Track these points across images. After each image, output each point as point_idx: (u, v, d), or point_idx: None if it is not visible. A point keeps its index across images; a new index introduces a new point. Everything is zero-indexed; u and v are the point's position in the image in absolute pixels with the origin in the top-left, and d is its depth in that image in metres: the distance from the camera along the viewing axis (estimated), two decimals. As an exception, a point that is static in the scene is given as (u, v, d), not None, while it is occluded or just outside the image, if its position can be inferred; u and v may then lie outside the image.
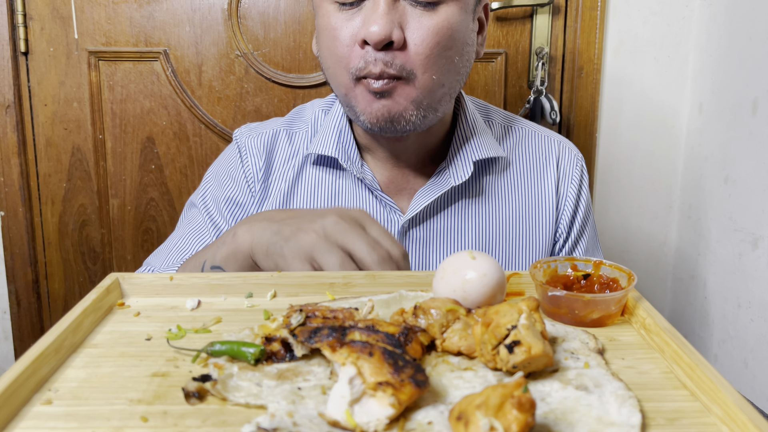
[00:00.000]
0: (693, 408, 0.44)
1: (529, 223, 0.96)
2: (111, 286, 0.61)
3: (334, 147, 0.92)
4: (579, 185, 1.00)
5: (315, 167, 0.95)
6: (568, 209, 0.98)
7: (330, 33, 0.81)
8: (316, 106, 1.01)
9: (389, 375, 0.41)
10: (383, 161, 0.93)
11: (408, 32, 0.78)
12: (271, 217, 0.75)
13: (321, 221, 0.71)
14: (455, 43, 0.81)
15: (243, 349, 0.48)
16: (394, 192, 0.94)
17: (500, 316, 0.47)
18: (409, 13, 0.78)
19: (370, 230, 0.72)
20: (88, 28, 1.54)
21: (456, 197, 0.94)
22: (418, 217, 0.92)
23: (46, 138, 1.59)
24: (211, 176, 1.03)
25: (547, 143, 1.00)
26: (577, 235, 1.00)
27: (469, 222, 0.94)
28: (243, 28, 1.54)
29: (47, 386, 0.46)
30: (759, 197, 1.26)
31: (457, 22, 0.80)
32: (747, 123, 1.30)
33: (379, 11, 0.76)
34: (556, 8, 1.54)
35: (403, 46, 0.78)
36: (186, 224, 1.00)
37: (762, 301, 1.26)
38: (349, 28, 0.79)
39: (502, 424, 0.36)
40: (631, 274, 0.59)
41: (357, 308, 0.53)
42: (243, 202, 0.97)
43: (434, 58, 0.79)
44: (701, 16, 1.50)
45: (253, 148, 0.98)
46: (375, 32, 0.75)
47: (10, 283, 1.65)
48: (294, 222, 0.72)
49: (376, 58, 0.77)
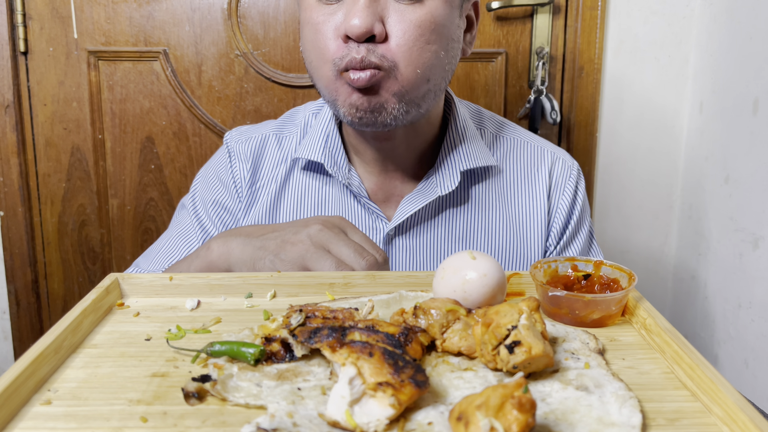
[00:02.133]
0: (693, 408, 0.44)
1: (519, 234, 0.94)
2: (110, 286, 0.61)
3: (321, 152, 0.91)
4: (572, 197, 0.97)
5: (302, 172, 0.95)
6: (558, 221, 0.96)
7: (312, 27, 0.81)
8: (308, 109, 1.01)
9: (389, 375, 0.41)
10: (371, 164, 0.92)
11: (389, 25, 0.77)
12: (250, 233, 0.77)
13: (305, 231, 0.73)
14: (439, 37, 0.80)
15: (243, 349, 0.48)
16: (381, 199, 0.93)
17: (500, 317, 0.47)
18: (391, 7, 0.78)
19: (353, 236, 0.74)
20: (88, 27, 1.54)
21: (443, 206, 0.93)
22: (404, 225, 0.91)
23: (45, 138, 1.59)
24: (201, 178, 1.03)
25: (540, 154, 0.98)
26: (566, 243, 0.98)
27: (456, 232, 0.93)
28: (243, 28, 1.54)
29: (47, 386, 0.46)
30: (759, 197, 1.26)
31: (441, 16, 0.79)
32: (747, 123, 1.30)
33: (359, 4, 0.75)
34: (557, 8, 1.54)
35: (384, 39, 0.77)
36: (174, 226, 1.01)
37: (763, 302, 1.26)
38: (331, 22, 0.79)
39: (503, 424, 0.36)
40: (632, 274, 0.58)
41: (357, 308, 0.53)
42: (230, 207, 0.97)
43: (417, 51, 0.78)
44: (702, 16, 1.50)
45: (241, 153, 0.97)
46: (356, 25, 0.75)
47: (10, 283, 1.65)
48: (277, 235, 0.74)
49: (359, 47, 0.77)
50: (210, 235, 0.97)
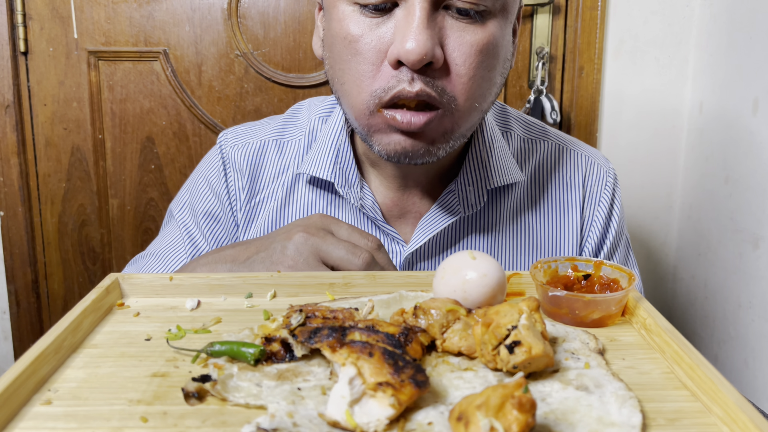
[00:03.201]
0: (694, 408, 0.44)
1: (549, 251, 0.86)
2: (111, 286, 0.61)
3: (331, 169, 0.81)
4: (609, 208, 0.88)
5: (307, 187, 0.86)
6: (594, 236, 0.87)
7: (348, 43, 0.67)
8: (313, 112, 0.90)
9: (389, 375, 0.41)
10: (389, 180, 0.82)
11: (448, 50, 0.65)
12: (235, 257, 0.70)
13: (291, 244, 0.67)
14: (498, 61, 0.70)
15: (243, 349, 0.48)
16: (396, 215, 0.84)
17: (500, 317, 0.47)
18: (449, 26, 0.65)
19: (340, 234, 0.69)
20: (88, 27, 1.54)
21: (465, 226, 0.84)
22: (425, 249, 0.83)
23: (45, 138, 1.59)
24: (191, 185, 0.93)
25: (574, 158, 0.88)
26: (606, 258, 0.88)
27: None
28: (243, 28, 1.54)
29: (47, 386, 0.46)
30: (759, 197, 1.26)
31: (501, 36, 0.69)
32: (747, 123, 1.30)
33: (416, 22, 0.62)
34: (557, 8, 1.54)
35: (442, 67, 0.65)
36: (160, 239, 0.92)
37: (763, 301, 1.26)
38: (374, 39, 0.66)
39: (503, 424, 0.36)
40: (632, 274, 0.58)
41: (357, 308, 0.53)
42: (224, 221, 0.89)
43: (478, 81, 0.67)
44: (702, 16, 1.50)
45: (237, 162, 0.88)
46: (413, 50, 0.62)
47: (10, 283, 1.65)
48: (264, 257, 0.68)
49: (414, 78, 0.64)
50: (200, 249, 0.89)
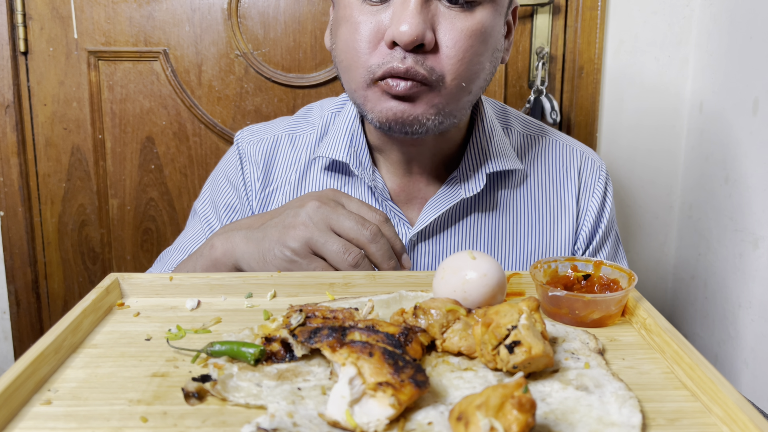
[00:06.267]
0: (693, 408, 0.44)
1: (546, 239, 0.92)
2: (110, 286, 0.61)
3: (346, 152, 0.88)
4: (602, 198, 0.95)
5: (320, 173, 0.92)
6: (588, 223, 0.94)
7: (351, 26, 0.76)
8: (326, 108, 0.98)
9: (389, 375, 0.41)
10: (395, 165, 0.89)
11: (440, 34, 0.73)
12: (250, 225, 0.75)
13: (304, 211, 0.70)
14: (487, 47, 0.77)
15: (243, 349, 0.48)
16: (403, 200, 0.90)
17: (500, 317, 0.47)
18: (441, 14, 0.73)
19: (349, 205, 0.72)
20: (88, 27, 1.54)
21: (468, 210, 0.90)
22: (428, 230, 0.89)
23: (45, 138, 1.59)
24: (212, 181, 1.01)
25: (569, 154, 0.96)
26: (596, 249, 0.95)
27: (480, 236, 0.90)
28: (243, 28, 1.54)
29: (47, 386, 0.46)
30: (759, 197, 1.26)
31: (491, 26, 0.76)
32: (747, 123, 1.30)
33: (410, 8, 0.70)
34: (557, 8, 1.54)
35: (433, 49, 0.73)
36: (184, 233, 0.99)
37: (762, 301, 1.26)
38: (372, 23, 0.74)
39: (503, 424, 0.36)
40: (632, 274, 0.58)
41: (357, 308, 0.53)
42: (240, 210, 0.95)
43: (466, 63, 0.75)
44: (702, 16, 1.50)
45: (252, 156, 0.95)
46: (406, 32, 0.70)
47: (10, 283, 1.65)
48: (278, 221, 0.71)
49: (406, 56, 0.72)
50: None
